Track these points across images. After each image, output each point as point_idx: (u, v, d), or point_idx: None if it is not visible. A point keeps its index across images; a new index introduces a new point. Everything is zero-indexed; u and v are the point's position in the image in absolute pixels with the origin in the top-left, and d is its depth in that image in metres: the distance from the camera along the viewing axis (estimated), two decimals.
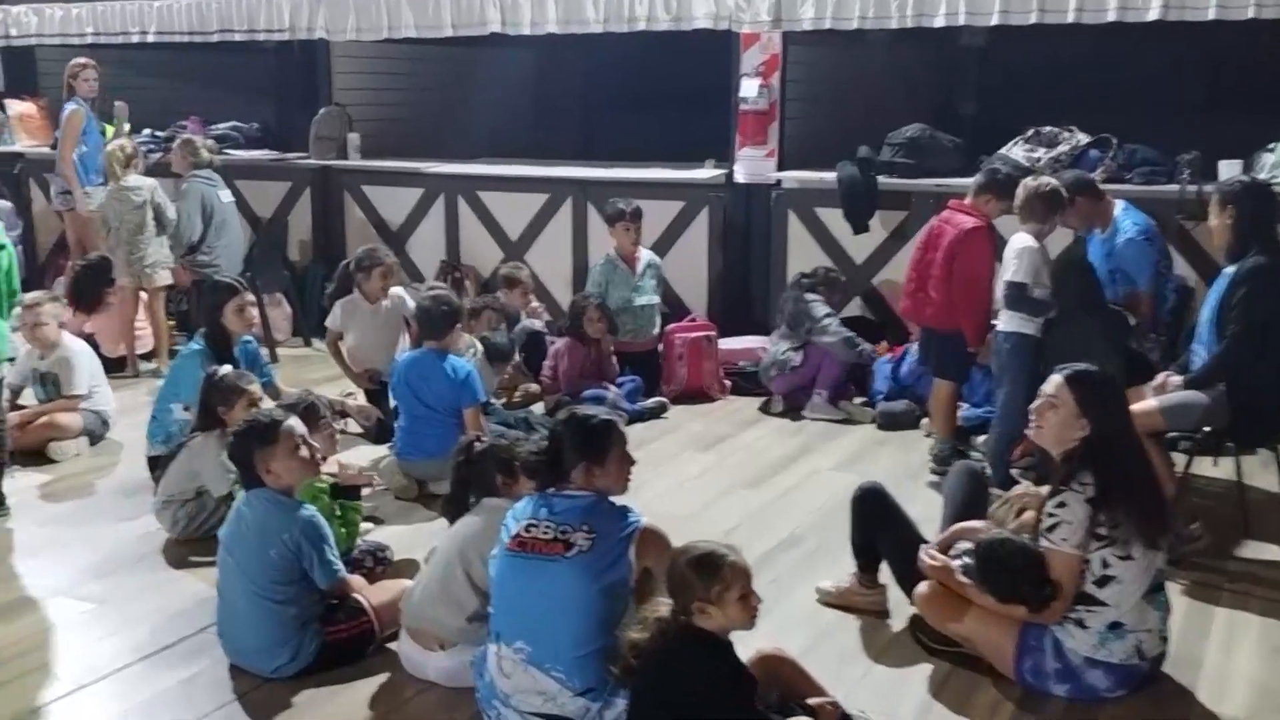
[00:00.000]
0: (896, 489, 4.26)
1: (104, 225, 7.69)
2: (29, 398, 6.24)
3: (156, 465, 5.41)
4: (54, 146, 9.61)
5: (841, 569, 4.31)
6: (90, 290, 7.71)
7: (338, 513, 4.32)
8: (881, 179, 7.16)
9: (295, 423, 3.90)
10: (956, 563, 3.74)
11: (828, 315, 6.68)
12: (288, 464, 3.81)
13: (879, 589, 4.18)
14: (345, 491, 4.41)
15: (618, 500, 3.41)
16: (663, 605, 3.15)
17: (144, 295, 7.63)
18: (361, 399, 6.23)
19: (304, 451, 3.85)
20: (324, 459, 4.16)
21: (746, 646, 3.17)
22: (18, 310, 5.71)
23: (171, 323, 8.05)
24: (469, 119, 10.23)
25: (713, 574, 2.99)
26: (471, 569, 3.66)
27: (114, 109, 8.72)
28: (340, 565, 3.86)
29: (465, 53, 10.08)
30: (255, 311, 5.64)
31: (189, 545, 4.81)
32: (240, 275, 8.21)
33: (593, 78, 11.23)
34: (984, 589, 3.57)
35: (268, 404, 4.93)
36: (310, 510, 3.84)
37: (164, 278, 7.66)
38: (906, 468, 5.75)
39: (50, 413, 5.99)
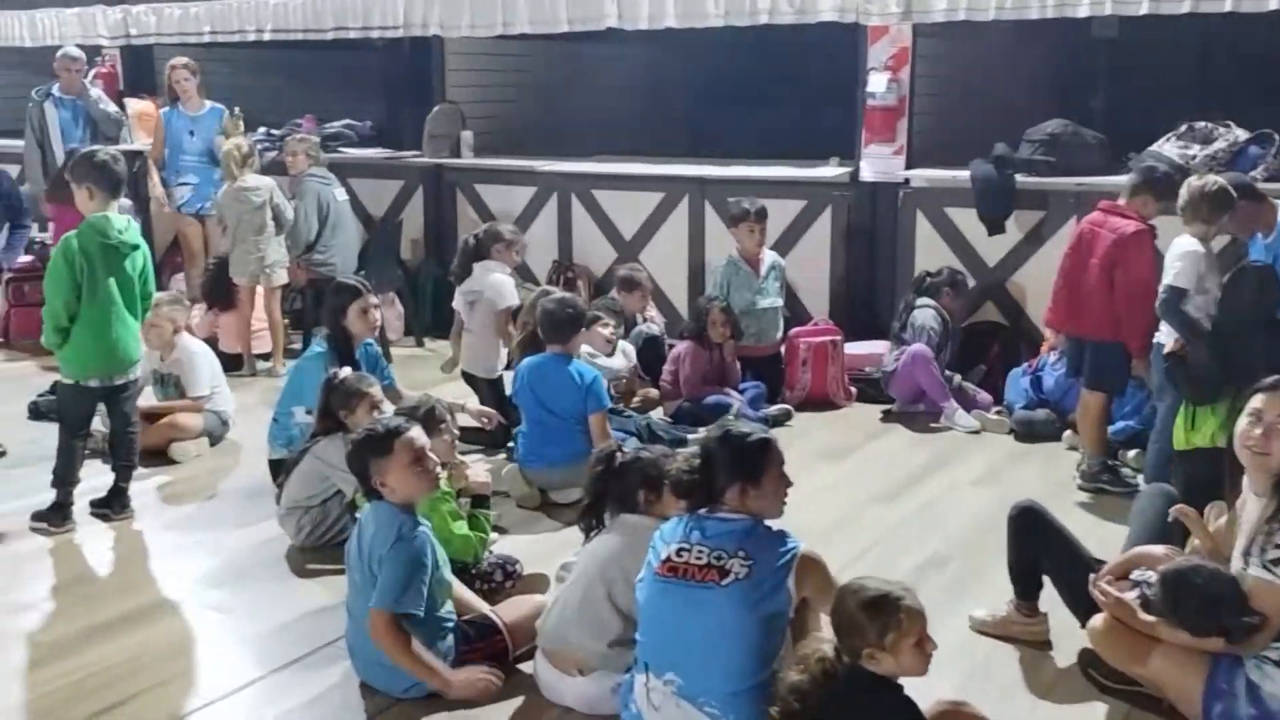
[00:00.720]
0: None
1: (221, 224, 7.69)
2: (147, 398, 6.22)
3: (278, 469, 5.34)
4: None
5: (994, 594, 4.04)
6: (223, 288, 7.72)
7: (462, 516, 4.19)
8: (1019, 177, 6.83)
9: (416, 433, 3.64)
10: (1133, 593, 3.45)
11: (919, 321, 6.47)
12: (403, 477, 3.57)
13: (1040, 617, 3.90)
14: (475, 498, 4.26)
15: (773, 524, 3.20)
16: (823, 644, 2.93)
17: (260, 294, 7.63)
18: (475, 402, 6.12)
19: (422, 465, 3.61)
20: (445, 469, 3.97)
21: (920, 693, 2.94)
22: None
23: (285, 322, 8.04)
24: (581, 116, 10.08)
25: (888, 618, 2.77)
26: (614, 591, 3.47)
27: (224, 117, 8.75)
28: (401, 600, 3.46)
29: (577, 48, 9.94)
30: (378, 314, 5.53)
31: (312, 553, 4.71)
32: (356, 274, 8.24)
33: (707, 73, 10.98)
34: (1175, 623, 3.26)
35: (389, 408, 4.82)
36: (420, 536, 3.55)
37: (281, 277, 7.65)
38: (1051, 484, 5.43)
39: (173, 412, 5.95)
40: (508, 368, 6.17)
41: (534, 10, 8.29)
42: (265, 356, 7.70)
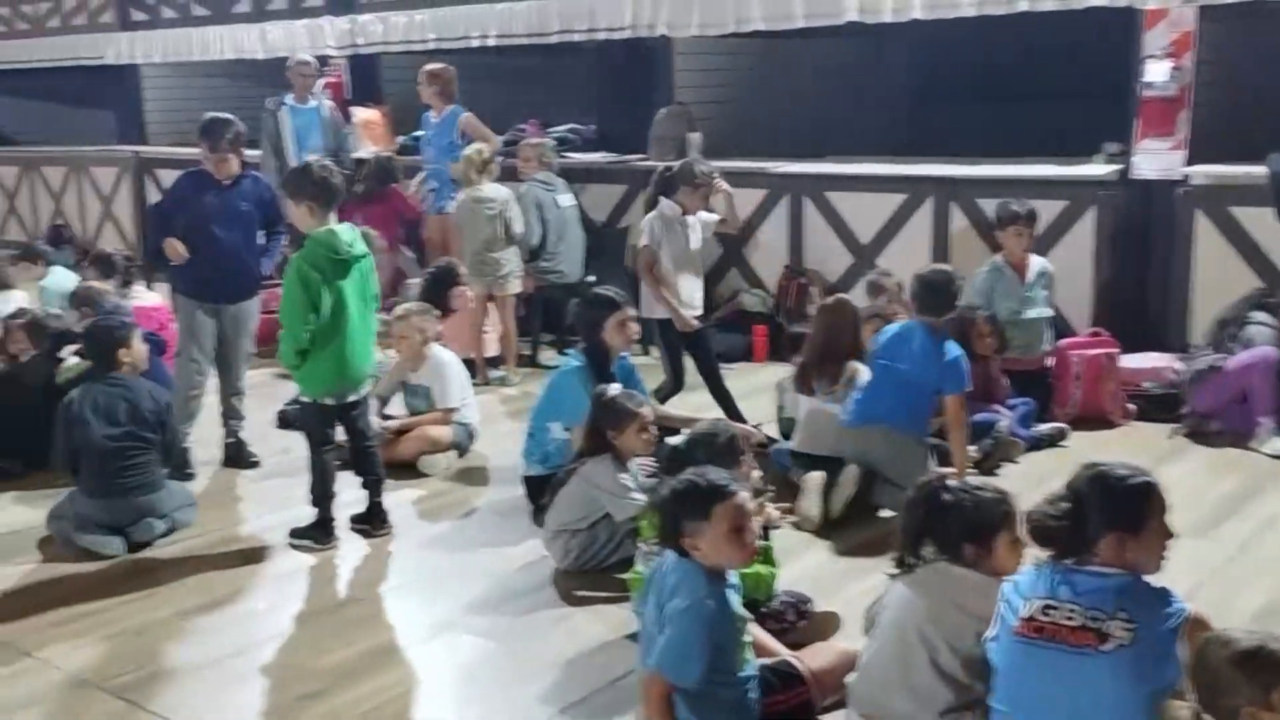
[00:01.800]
0: None
1: (459, 230, 7.64)
2: (395, 407, 6.16)
3: (534, 486, 5.18)
4: (400, 152, 9.81)
5: None
6: (438, 295, 7.67)
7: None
8: None
9: (741, 499, 3.19)
10: None
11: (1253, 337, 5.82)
12: (719, 546, 3.13)
13: None
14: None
15: (1153, 580, 2.78)
16: (1182, 708, 2.51)
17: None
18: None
19: (742, 536, 3.17)
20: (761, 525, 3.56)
21: None
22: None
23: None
24: (808, 115, 9.69)
25: (1270, 674, 2.41)
26: (938, 657, 3.07)
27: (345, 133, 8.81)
28: (681, 669, 3.08)
29: (804, 45, 9.56)
30: (637, 326, 5.29)
31: (579, 578, 4.49)
32: (582, 280, 8.08)
33: (939, 67, 10.45)
34: None
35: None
36: (722, 604, 3.15)
37: (515, 286, 7.54)
38: None
39: (424, 425, 5.86)
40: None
41: (768, 6, 7.97)
42: (494, 363, 7.60)
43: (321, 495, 4.94)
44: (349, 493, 5.13)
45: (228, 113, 5.76)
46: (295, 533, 4.95)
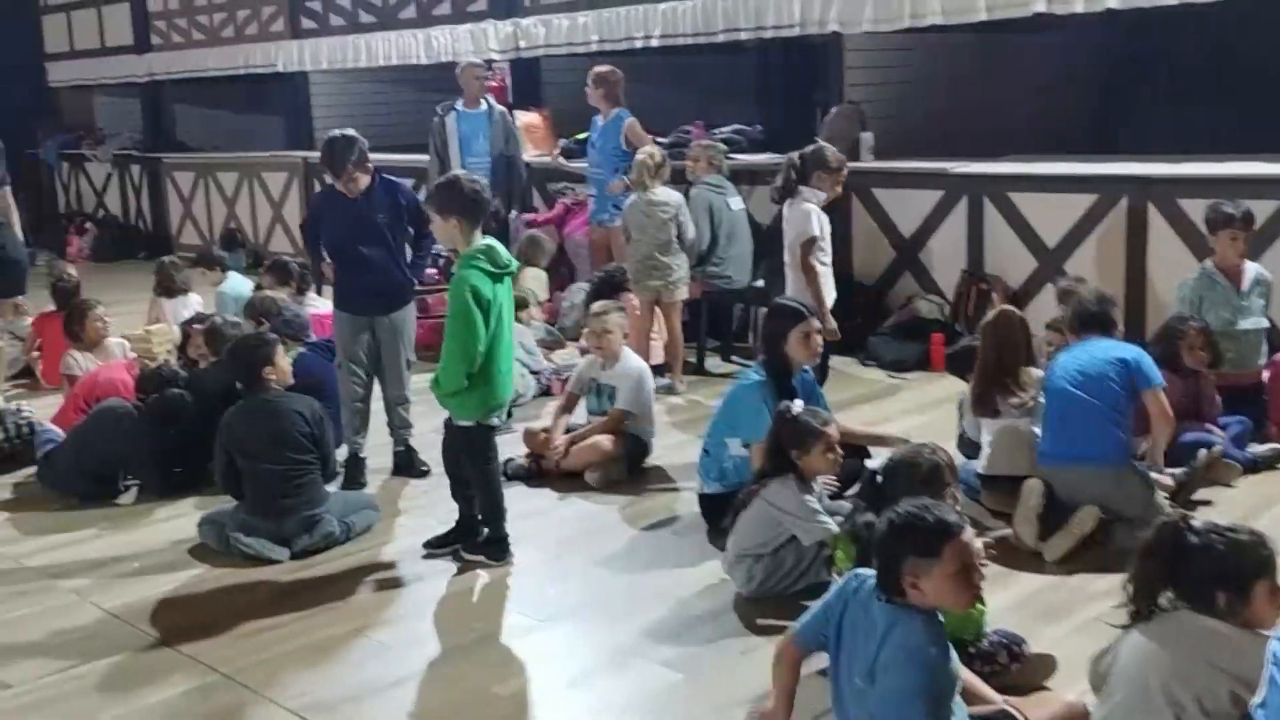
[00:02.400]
0: None
1: (625, 234, 7.49)
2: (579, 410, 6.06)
3: (710, 505, 4.98)
4: (567, 155, 9.75)
5: None
6: (605, 299, 7.54)
7: None
8: None
9: (969, 537, 2.94)
10: None
11: None
12: (942, 587, 2.87)
13: None
14: None
15: None
16: None
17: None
18: None
19: (969, 578, 2.90)
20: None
21: None
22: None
23: None
24: (986, 112, 9.25)
25: None
26: (1184, 716, 2.77)
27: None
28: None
29: (980, 39, 9.14)
30: (820, 339, 5.03)
31: (764, 605, 4.25)
32: (750, 286, 7.86)
33: (1133, 60, 9.87)
34: None
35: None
36: (950, 653, 2.93)
37: (683, 292, 7.36)
38: None
39: (595, 433, 5.71)
40: None
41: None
42: (659, 371, 7.42)
43: (493, 513, 4.83)
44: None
45: (350, 130, 5.74)
46: (468, 548, 4.85)
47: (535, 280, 8.77)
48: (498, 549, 4.78)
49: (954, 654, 2.96)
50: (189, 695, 3.82)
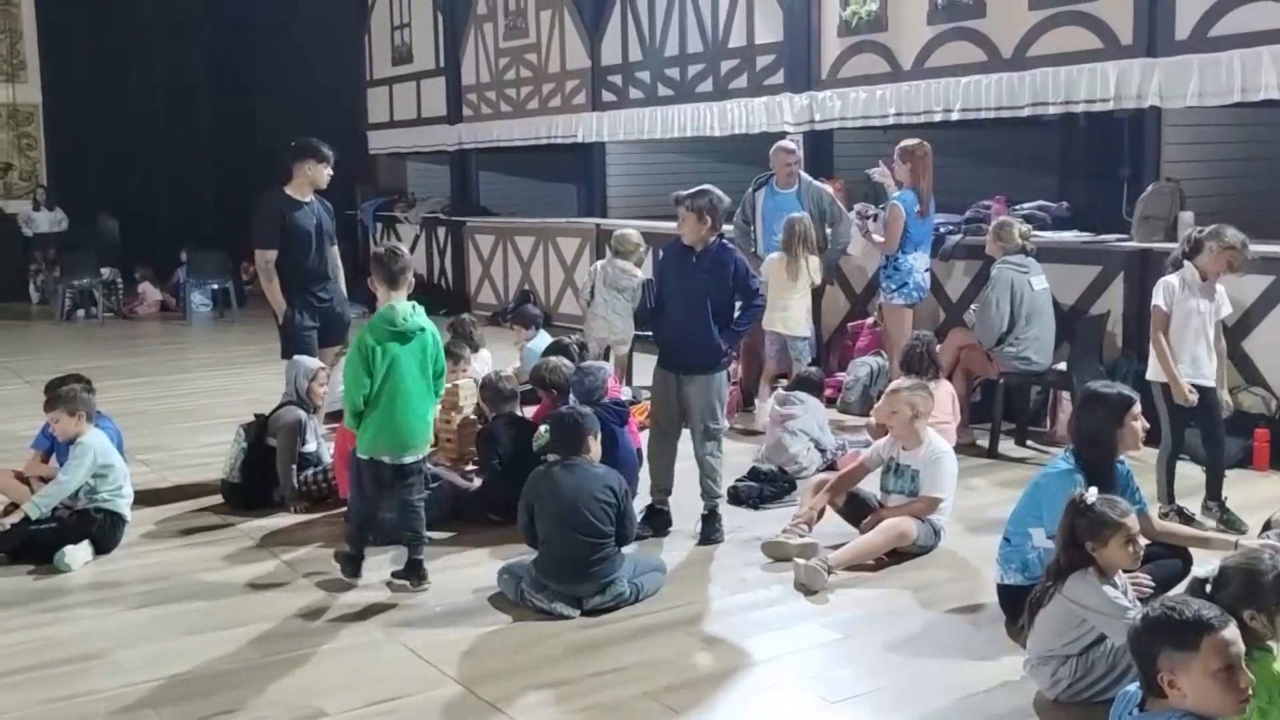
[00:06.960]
0: None
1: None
2: (871, 484, 5.91)
3: (1008, 596, 4.74)
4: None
5: None
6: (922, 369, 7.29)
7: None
8: None
9: (1230, 633, 2.77)
10: None
11: None
12: (1202, 687, 2.72)
13: None
14: None
15: None
16: None
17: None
18: None
19: (1232, 678, 2.73)
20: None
21: None
22: None
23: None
24: None
25: None
26: None
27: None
28: None
29: None
30: (1141, 424, 4.74)
31: (1073, 710, 4.00)
32: (1050, 369, 7.52)
33: None
34: None
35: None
36: None
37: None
38: None
39: (902, 513, 5.56)
40: None
41: None
42: None
43: (352, 535, 5.37)
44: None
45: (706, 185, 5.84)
46: (395, 573, 5.24)
47: None
48: (349, 565, 5.32)
49: None
50: None
